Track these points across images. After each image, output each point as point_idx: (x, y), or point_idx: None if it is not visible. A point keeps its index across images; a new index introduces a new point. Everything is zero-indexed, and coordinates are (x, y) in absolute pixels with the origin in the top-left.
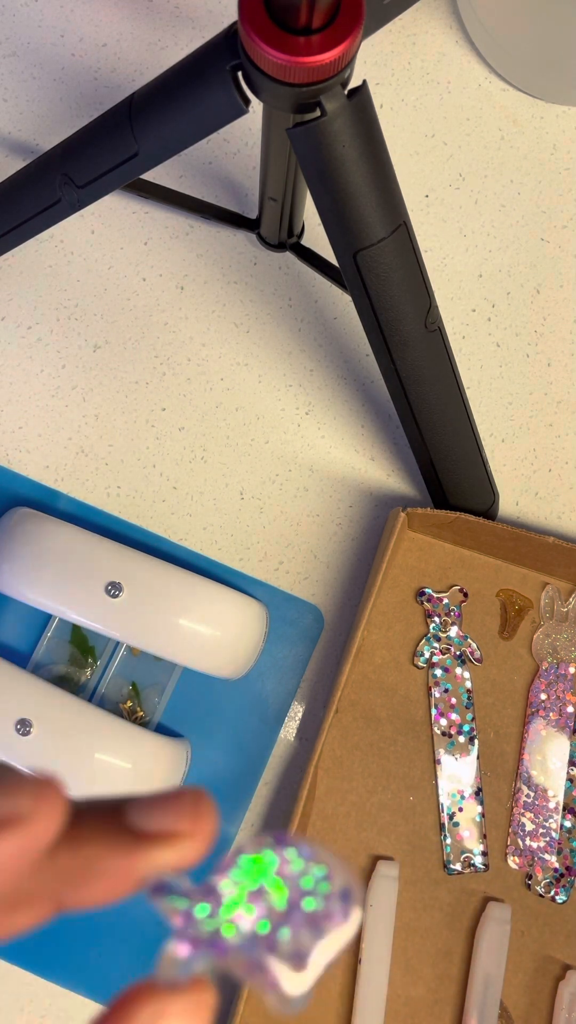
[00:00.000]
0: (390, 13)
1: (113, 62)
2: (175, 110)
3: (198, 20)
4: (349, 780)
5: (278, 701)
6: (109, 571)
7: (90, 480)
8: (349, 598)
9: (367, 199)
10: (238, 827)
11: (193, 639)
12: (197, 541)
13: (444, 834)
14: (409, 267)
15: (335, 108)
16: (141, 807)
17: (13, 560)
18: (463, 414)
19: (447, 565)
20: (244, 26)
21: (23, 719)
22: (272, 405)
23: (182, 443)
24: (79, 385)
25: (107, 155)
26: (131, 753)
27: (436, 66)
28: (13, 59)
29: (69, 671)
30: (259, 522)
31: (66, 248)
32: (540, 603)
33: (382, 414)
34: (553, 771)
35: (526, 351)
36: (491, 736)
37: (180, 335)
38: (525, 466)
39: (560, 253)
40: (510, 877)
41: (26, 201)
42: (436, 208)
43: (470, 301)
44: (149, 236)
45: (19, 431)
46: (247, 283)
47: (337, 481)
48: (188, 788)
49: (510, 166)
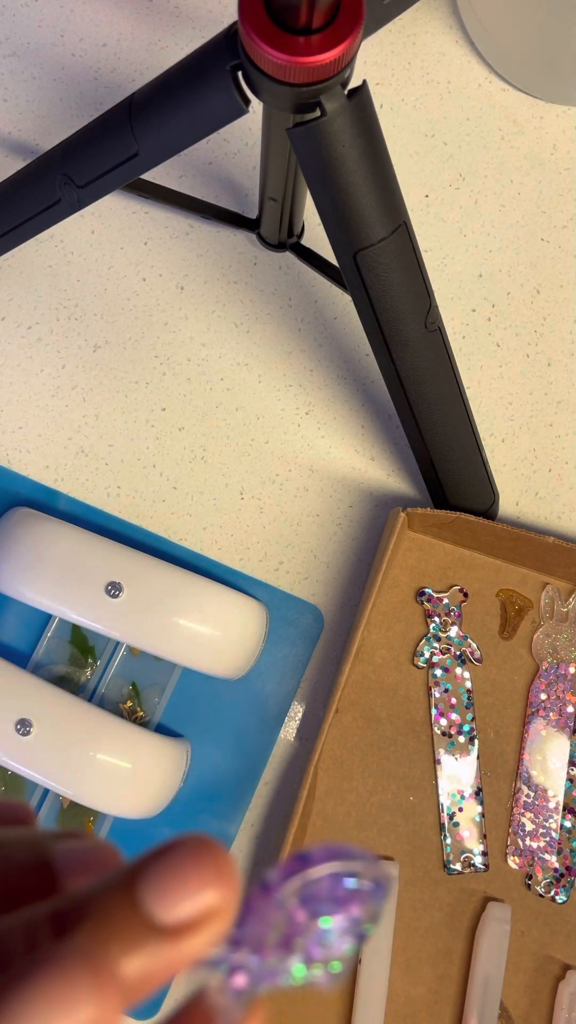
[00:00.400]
0: (390, 13)
1: (113, 62)
2: (175, 110)
3: (198, 20)
4: (349, 780)
5: (278, 701)
6: (109, 571)
7: (90, 480)
8: (349, 598)
9: (367, 199)
10: (238, 827)
11: (193, 639)
12: (197, 541)
13: (444, 834)
14: (409, 267)
15: (335, 108)
16: (159, 892)
17: (13, 560)
18: (463, 414)
19: (447, 565)
20: (244, 26)
21: (23, 719)
22: (272, 405)
23: (182, 443)
24: (79, 385)
25: (107, 155)
26: (131, 753)
27: (436, 66)
28: (13, 59)
29: (69, 671)
30: (259, 522)
31: (66, 248)
32: (540, 603)
33: (382, 414)
34: (553, 771)
35: (526, 351)
36: (491, 736)
37: (180, 335)
38: (525, 466)
39: (560, 253)
40: (510, 877)
41: (26, 201)
42: (436, 208)
43: (470, 301)
44: (149, 236)
45: (19, 431)
46: (247, 283)
47: (337, 481)
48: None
49: (510, 166)
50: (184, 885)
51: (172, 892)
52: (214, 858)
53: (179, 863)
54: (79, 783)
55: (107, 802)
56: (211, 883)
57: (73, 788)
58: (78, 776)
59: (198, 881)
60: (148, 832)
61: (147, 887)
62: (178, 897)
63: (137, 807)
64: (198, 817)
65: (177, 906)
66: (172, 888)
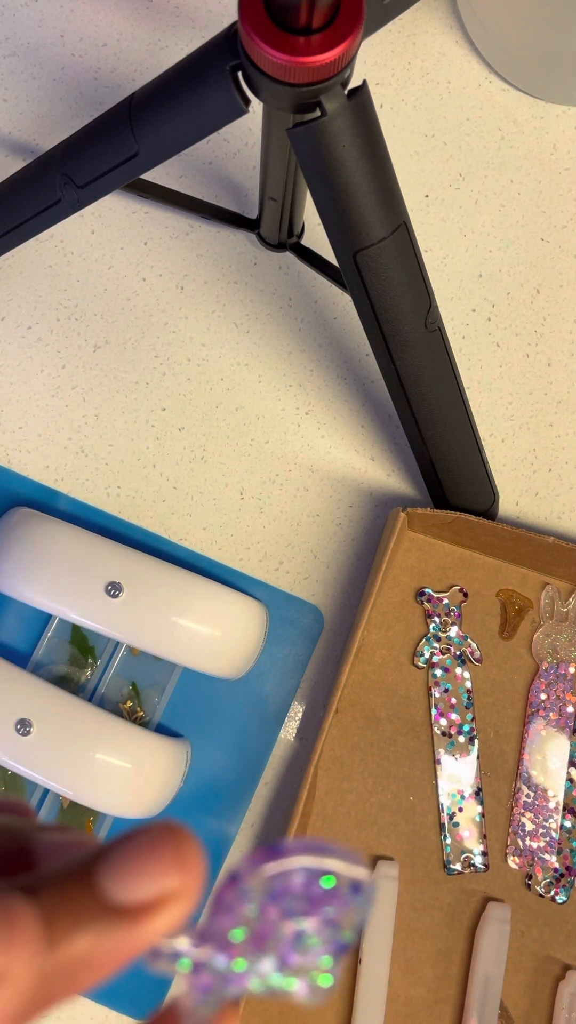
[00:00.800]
0: (390, 13)
1: (113, 62)
2: (175, 110)
3: (198, 20)
4: (349, 780)
5: (278, 701)
6: (109, 571)
7: (90, 480)
8: (349, 598)
9: (367, 199)
10: (238, 827)
11: (193, 639)
12: (197, 541)
13: (444, 834)
14: (409, 267)
15: (335, 108)
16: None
17: (13, 560)
18: (463, 414)
19: (447, 565)
20: (244, 26)
21: (23, 719)
22: (272, 405)
23: (182, 443)
24: (79, 385)
25: (107, 155)
26: (131, 753)
27: (436, 66)
28: (13, 59)
29: (69, 671)
30: (259, 522)
31: (66, 248)
32: (540, 603)
33: (382, 414)
34: (553, 771)
35: (526, 351)
36: (491, 736)
37: (180, 335)
38: (525, 466)
39: (560, 253)
40: (510, 877)
41: (26, 201)
42: (436, 208)
43: (470, 301)
44: (149, 236)
45: (19, 431)
46: (247, 283)
47: (337, 481)
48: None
49: (510, 166)
50: (141, 866)
51: (129, 872)
52: (176, 842)
53: (140, 845)
54: (79, 783)
55: (107, 802)
56: (170, 866)
57: (73, 788)
58: (78, 776)
59: (156, 863)
60: None
61: (105, 865)
62: (134, 877)
63: (137, 807)
64: (198, 817)
65: (132, 886)
66: (129, 868)
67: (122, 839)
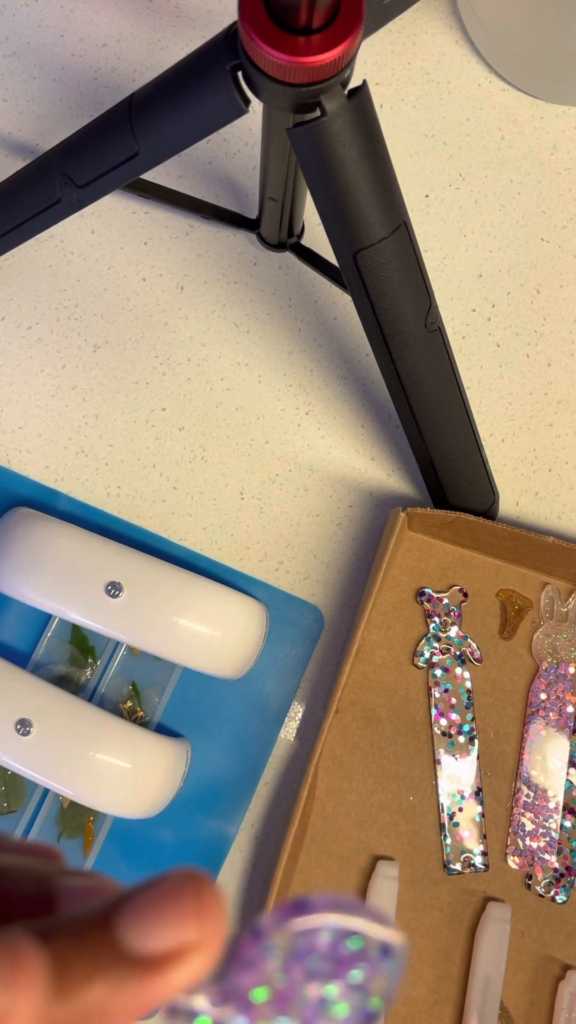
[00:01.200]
0: (390, 13)
1: (113, 62)
2: (175, 110)
3: (198, 20)
4: (349, 780)
5: (278, 701)
6: (109, 571)
7: (90, 480)
8: (349, 598)
9: (367, 199)
10: (238, 827)
11: (193, 639)
12: (197, 541)
13: (444, 834)
14: (409, 267)
15: (335, 108)
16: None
17: (13, 560)
18: (463, 414)
19: (447, 565)
20: (244, 26)
21: (23, 719)
22: (272, 405)
23: (182, 443)
24: (79, 385)
25: (107, 155)
26: (131, 753)
27: (436, 66)
28: (13, 59)
29: (69, 671)
30: (259, 522)
31: (66, 248)
32: (540, 603)
33: (382, 414)
34: (553, 771)
35: (526, 351)
36: (491, 736)
37: (180, 335)
38: (525, 466)
39: (560, 253)
40: (510, 877)
41: (26, 201)
42: (436, 208)
43: (470, 301)
44: (149, 236)
45: (19, 431)
46: (247, 283)
47: (337, 481)
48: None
49: (510, 166)
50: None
51: (146, 920)
52: (197, 891)
53: (159, 893)
54: (79, 783)
55: (107, 802)
56: (190, 916)
57: (73, 788)
58: (78, 776)
59: (175, 912)
60: (148, 832)
61: (123, 913)
62: (152, 926)
63: (137, 807)
64: (198, 817)
65: (150, 935)
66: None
67: (142, 887)
